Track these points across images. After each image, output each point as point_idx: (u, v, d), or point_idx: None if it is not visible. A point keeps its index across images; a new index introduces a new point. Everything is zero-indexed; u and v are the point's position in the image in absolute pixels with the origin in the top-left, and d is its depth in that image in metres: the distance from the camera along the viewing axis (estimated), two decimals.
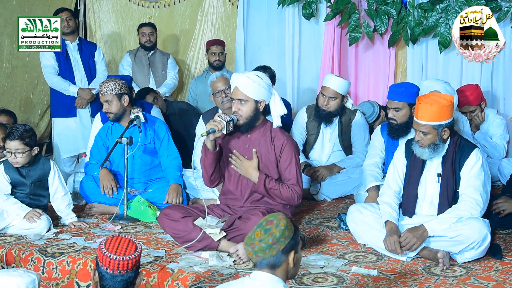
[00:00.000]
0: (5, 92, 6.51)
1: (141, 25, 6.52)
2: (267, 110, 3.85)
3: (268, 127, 3.86)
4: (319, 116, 5.10)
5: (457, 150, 3.68)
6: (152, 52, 6.48)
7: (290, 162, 3.80)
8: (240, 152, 3.86)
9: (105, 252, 2.51)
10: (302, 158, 5.17)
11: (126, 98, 4.65)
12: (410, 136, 4.17)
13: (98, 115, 5.17)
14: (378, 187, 4.34)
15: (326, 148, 5.22)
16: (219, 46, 6.29)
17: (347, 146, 5.19)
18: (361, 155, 5.04)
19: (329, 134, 5.18)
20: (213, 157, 3.82)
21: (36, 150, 4.19)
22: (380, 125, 4.68)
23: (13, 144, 4.07)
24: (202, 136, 3.69)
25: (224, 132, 3.69)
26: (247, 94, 3.72)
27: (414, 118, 3.69)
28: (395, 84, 5.01)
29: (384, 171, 4.44)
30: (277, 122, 3.83)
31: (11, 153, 4.09)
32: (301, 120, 5.23)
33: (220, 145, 3.85)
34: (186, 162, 5.23)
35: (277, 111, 3.82)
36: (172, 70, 6.55)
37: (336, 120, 5.14)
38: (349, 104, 5.21)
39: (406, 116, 4.30)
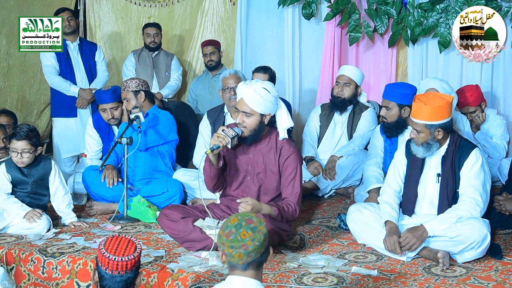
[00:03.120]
0: (2, 92, 6.51)
1: (146, 26, 6.48)
2: (272, 121, 3.80)
3: (274, 137, 3.81)
4: (334, 105, 5.20)
5: (457, 150, 3.68)
6: (156, 52, 6.46)
7: (294, 176, 3.75)
8: (244, 161, 3.84)
9: (104, 253, 2.51)
10: (310, 152, 5.26)
11: (142, 94, 4.76)
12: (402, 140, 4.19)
13: (90, 120, 5.17)
14: (379, 189, 4.35)
15: (335, 136, 5.26)
16: (210, 46, 6.27)
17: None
18: (356, 142, 5.12)
19: (340, 123, 5.25)
20: (217, 172, 3.80)
21: (40, 149, 4.22)
22: (379, 125, 4.69)
23: (20, 144, 4.08)
24: (206, 153, 3.63)
25: (229, 146, 3.65)
26: (253, 108, 3.66)
27: (410, 115, 3.72)
28: (391, 84, 5.04)
29: (384, 171, 4.45)
30: (283, 135, 3.79)
31: (18, 153, 4.09)
32: (315, 114, 5.34)
33: (224, 158, 3.81)
34: (184, 161, 5.23)
35: (283, 124, 3.78)
36: (176, 71, 6.51)
37: (349, 110, 5.21)
38: (363, 99, 5.27)
39: (395, 116, 4.36)
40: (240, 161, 3.85)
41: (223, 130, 3.64)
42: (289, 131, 4.29)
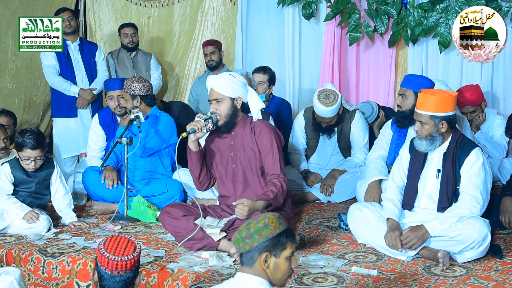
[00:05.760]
0: (10, 93, 6.49)
1: (123, 26, 6.41)
2: (247, 108, 3.93)
3: (249, 121, 3.95)
4: (321, 128, 5.10)
5: (458, 147, 3.70)
6: (134, 53, 6.41)
7: (271, 146, 3.86)
8: (226, 151, 3.95)
9: (103, 253, 2.51)
10: (303, 165, 5.18)
11: (138, 99, 4.73)
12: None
13: (96, 117, 5.17)
14: (380, 181, 4.35)
15: (327, 151, 5.21)
16: (210, 46, 6.24)
17: (345, 149, 5.18)
18: (359, 156, 5.05)
19: (329, 137, 5.18)
20: (197, 157, 3.89)
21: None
22: (391, 119, 4.66)
23: (35, 153, 4.09)
24: (182, 137, 3.76)
25: (205, 131, 3.77)
26: (221, 93, 3.82)
27: (415, 108, 3.74)
28: (411, 74, 5.03)
29: (387, 164, 4.48)
30: (257, 115, 3.92)
31: (32, 160, 4.11)
32: (299, 126, 5.24)
33: (204, 147, 3.95)
34: (184, 161, 5.23)
35: (256, 106, 3.91)
36: (156, 70, 6.47)
37: (335, 128, 5.13)
38: (346, 105, 5.20)
39: (410, 104, 4.28)
40: (223, 153, 3.97)
41: (197, 116, 3.80)
42: (285, 125, 4.20)
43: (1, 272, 2.59)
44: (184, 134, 3.75)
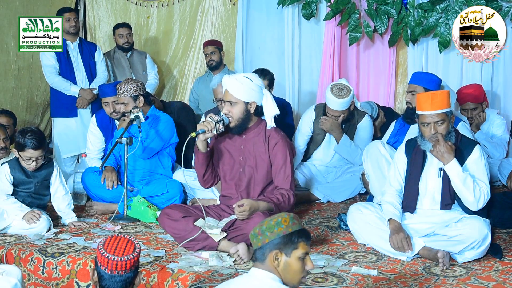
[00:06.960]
0: (14, 94, 6.48)
1: (118, 26, 6.38)
2: (261, 111, 3.85)
3: (263, 127, 3.88)
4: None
5: (458, 145, 3.69)
6: (130, 53, 6.39)
7: (284, 162, 3.81)
8: (235, 153, 3.90)
9: (103, 253, 2.51)
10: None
11: (141, 99, 4.71)
12: (411, 135, 4.18)
13: (94, 118, 5.17)
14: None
15: (331, 148, 5.22)
16: (210, 47, 6.22)
17: None
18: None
19: None
20: (203, 158, 3.85)
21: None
22: (399, 118, 4.71)
23: (37, 153, 4.09)
24: (191, 136, 3.71)
25: (215, 132, 3.71)
26: (236, 96, 3.74)
27: (423, 113, 3.63)
28: (419, 71, 5.08)
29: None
30: (270, 123, 3.84)
31: (33, 160, 4.11)
32: (308, 119, 5.24)
33: (212, 147, 3.88)
34: (184, 162, 5.23)
35: (270, 112, 3.82)
36: (152, 69, 6.45)
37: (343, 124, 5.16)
38: (357, 105, 5.23)
39: None
40: (232, 154, 3.91)
41: (209, 117, 3.73)
42: (285, 125, 4.21)
43: (2, 272, 2.59)
44: (193, 134, 3.69)
